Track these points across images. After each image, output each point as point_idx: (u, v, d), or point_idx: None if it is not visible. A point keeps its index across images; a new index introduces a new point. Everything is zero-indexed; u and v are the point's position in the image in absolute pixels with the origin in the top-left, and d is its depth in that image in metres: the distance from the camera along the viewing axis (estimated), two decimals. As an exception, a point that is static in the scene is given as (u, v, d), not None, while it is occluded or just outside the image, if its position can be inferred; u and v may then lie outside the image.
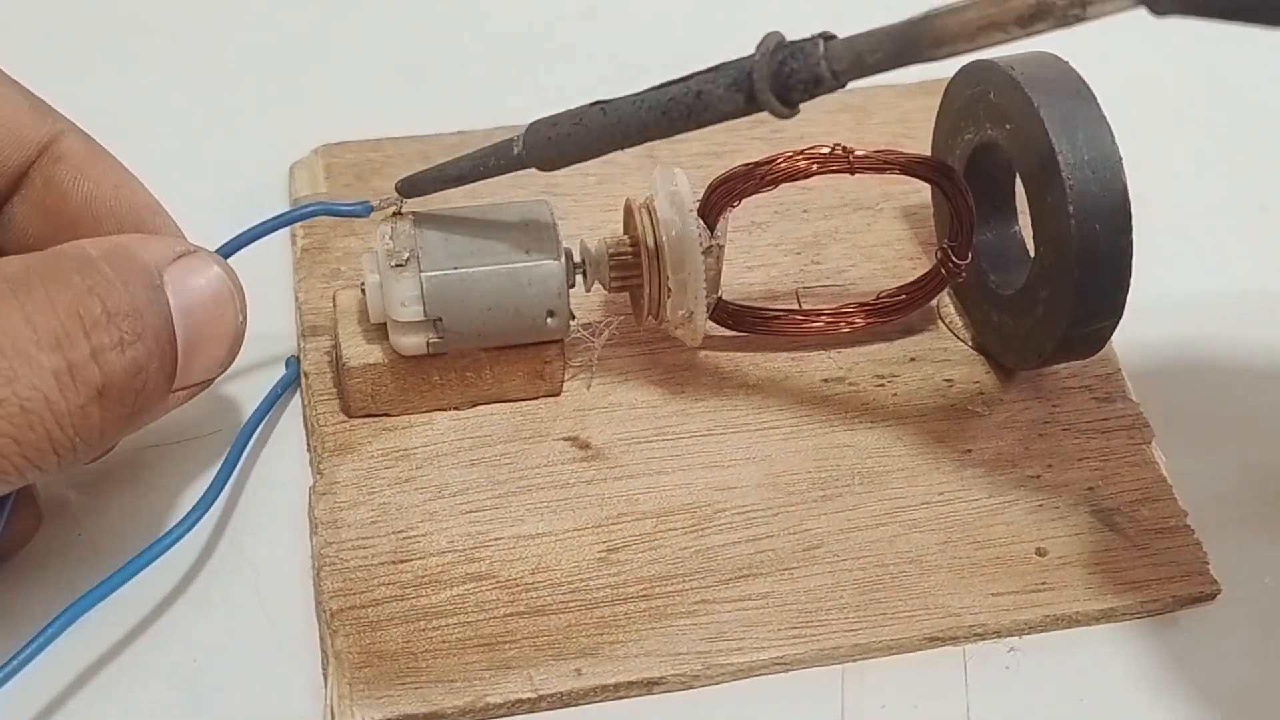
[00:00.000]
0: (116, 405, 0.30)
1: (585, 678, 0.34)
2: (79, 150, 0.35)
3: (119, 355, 0.30)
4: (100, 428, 0.30)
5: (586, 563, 0.36)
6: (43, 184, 0.34)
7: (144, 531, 0.36)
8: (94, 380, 0.29)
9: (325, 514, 0.36)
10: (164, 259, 0.32)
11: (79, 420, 0.29)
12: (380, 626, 0.34)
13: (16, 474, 0.29)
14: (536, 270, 0.36)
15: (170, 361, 0.31)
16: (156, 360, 0.31)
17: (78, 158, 0.35)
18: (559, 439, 0.38)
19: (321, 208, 0.37)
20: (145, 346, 0.30)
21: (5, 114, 0.34)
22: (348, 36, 0.48)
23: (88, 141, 0.35)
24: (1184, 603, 0.36)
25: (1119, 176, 0.35)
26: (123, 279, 0.30)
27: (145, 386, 0.30)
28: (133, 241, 0.32)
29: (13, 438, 0.28)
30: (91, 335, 0.29)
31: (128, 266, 0.31)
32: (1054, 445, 0.39)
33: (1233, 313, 0.43)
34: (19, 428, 0.28)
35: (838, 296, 0.41)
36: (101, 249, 0.31)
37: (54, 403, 0.29)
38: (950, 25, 0.27)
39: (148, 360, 0.30)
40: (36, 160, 0.34)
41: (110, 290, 0.30)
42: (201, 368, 0.33)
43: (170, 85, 0.47)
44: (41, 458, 0.29)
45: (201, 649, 0.35)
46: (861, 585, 0.36)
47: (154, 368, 0.31)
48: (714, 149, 0.44)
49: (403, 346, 0.36)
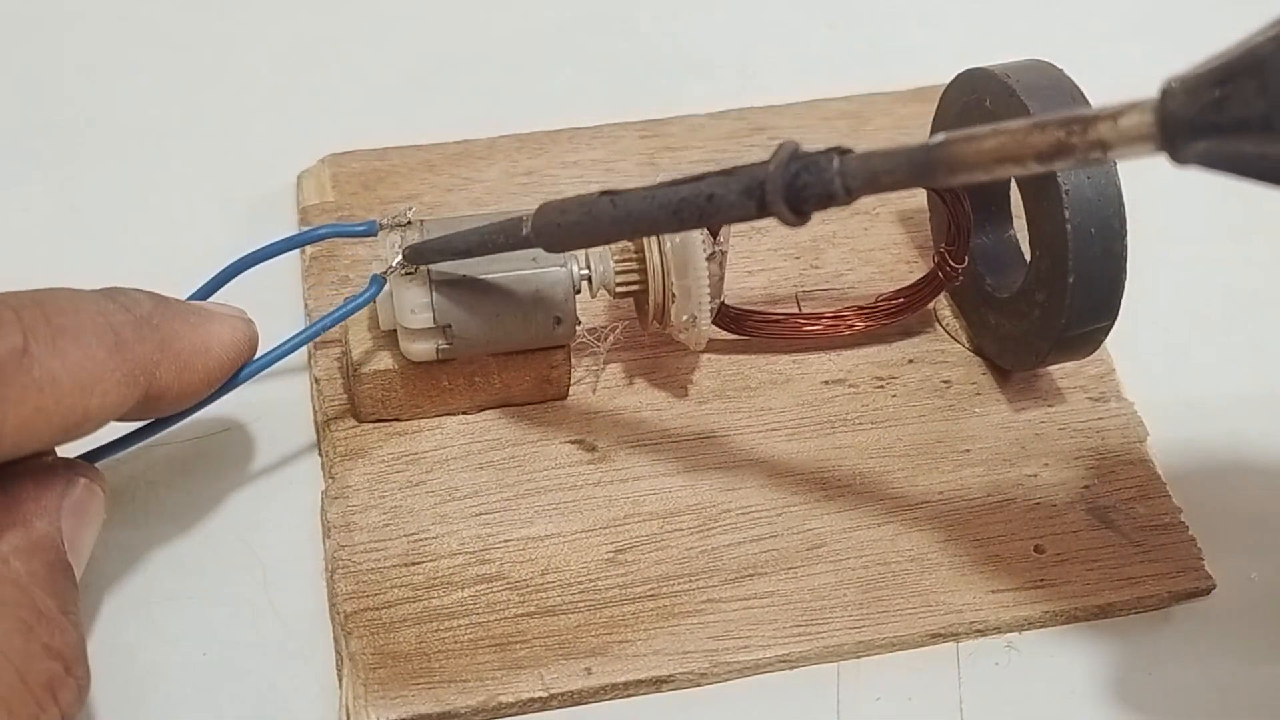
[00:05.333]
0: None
1: (595, 676, 0.34)
2: None
3: (78, 699, 0.30)
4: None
5: (595, 563, 0.36)
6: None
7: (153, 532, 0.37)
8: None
9: (338, 518, 0.36)
10: (54, 514, 0.32)
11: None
12: (393, 628, 0.35)
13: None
14: (544, 277, 0.36)
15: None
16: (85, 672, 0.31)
17: None
18: (566, 442, 0.38)
19: (330, 230, 0.38)
20: (85, 668, 0.31)
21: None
22: (353, 47, 0.49)
23: None
24: (1179, 598, 0.37)
25: (1113, 181, 0.35)
26: (60, 601, 0.30)
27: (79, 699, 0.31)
28: (27, 510, 0.31)
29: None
30: (60, 696, 0.29)
31: (50, 569, 0.31)
32: (1050, 445, 0.39)
33: (1223, 313, 0.44)
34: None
35: (837, 300, 0.42)
36: (20, 556, 0.30)
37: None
38: (968, 154, 0.27)
39: (86, 680, 0.31)
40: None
41: (57, 633, 0.30)
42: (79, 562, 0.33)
43: (178, 96, 0.47)
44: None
45: (212, 643, 0.35)
46: (864, 583, 0.36)
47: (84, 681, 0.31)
48: (714, 156, 0.45)
49: (412, 353, 0.37)
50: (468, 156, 0.44)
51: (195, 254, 0.42)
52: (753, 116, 0.46)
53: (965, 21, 0.51)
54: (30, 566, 0.30)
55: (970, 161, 0.27)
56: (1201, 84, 0.24)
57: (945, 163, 0.27)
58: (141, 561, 0.36)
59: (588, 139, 0.45)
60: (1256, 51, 0.23)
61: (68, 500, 0.32)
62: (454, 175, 0.44)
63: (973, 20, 0.51)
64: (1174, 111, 0.24)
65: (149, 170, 0.45)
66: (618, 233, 0.32)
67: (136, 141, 0.46)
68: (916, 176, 0.27)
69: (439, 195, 0.43)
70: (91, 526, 0.33)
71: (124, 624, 0.35)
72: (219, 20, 0.49)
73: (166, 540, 0.37)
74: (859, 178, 0.28)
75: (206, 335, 0.34)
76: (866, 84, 0.47)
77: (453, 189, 0.44)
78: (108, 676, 0.34)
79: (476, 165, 0.44)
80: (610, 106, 0.46)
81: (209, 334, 0.34)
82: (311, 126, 0.46)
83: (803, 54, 0.50)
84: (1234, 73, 0.24)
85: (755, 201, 0.29)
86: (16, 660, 0.29)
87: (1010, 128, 0.26)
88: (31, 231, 0.43)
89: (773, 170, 0.28)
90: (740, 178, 0.29)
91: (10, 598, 0.30)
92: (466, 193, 0.43)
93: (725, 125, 0.46)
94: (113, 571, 0.36)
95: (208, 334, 0.34)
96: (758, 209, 0.29)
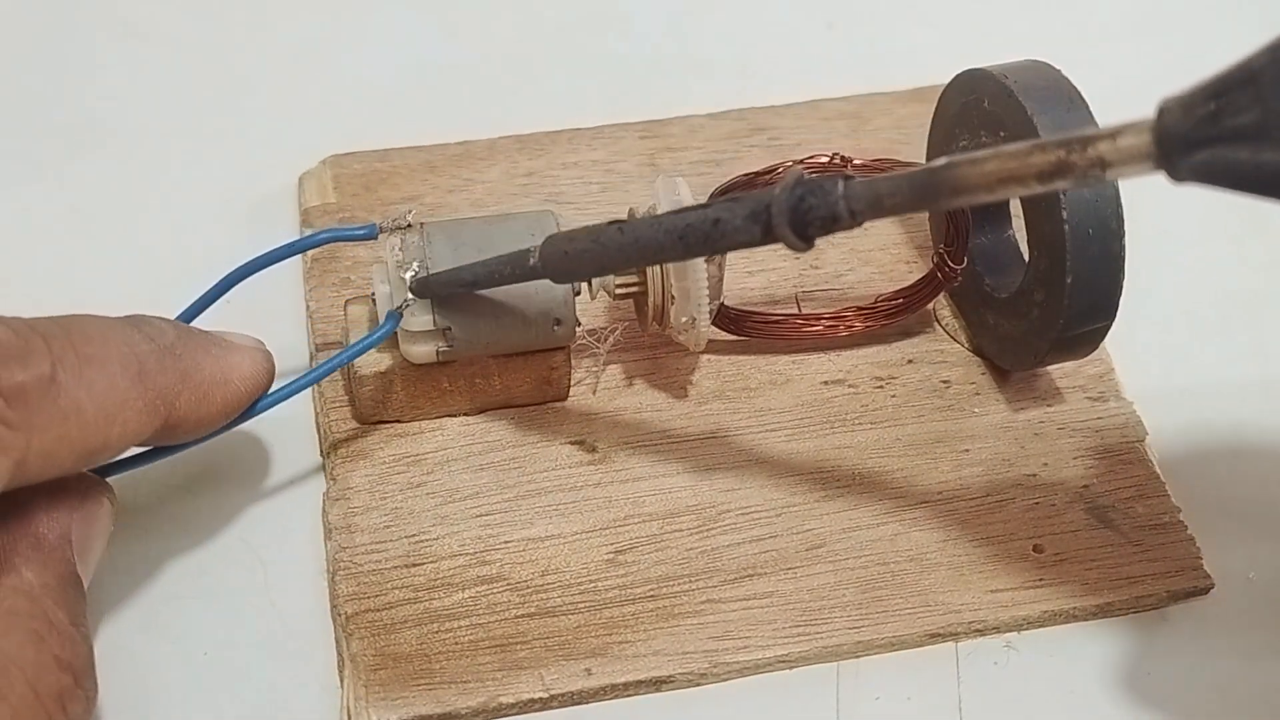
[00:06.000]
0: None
1: (595, 677, 0.34)
2: None
3: (86, 710, 0.31)
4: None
5: (595, 564, 0.36)
6: None
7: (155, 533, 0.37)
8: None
9: (339, 519, 0.37)
10: (66, 526, 0.32)
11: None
12: (394, 629, 0.35)
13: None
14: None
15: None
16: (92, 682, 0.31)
17: None
18: (566, 443, 0.38)
19: (331, 235, 0.38)
20: (93, 680, 0.31)
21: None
22: (354, 49, 0.49)
23: None
24: (1178, 597, 0.37)
25: (1111, 182, 0.35)
26: (70, 613, 0.31)
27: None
28: (39, 523, 0.32)
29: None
30: (69, 708, 0.30)
31: (61, 582, 0.31)
32: (1049, 444, 0.39)
33: (1221, 312, 0.44)
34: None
35: (836, 300, 0.42)
36: (32, 567, 0.31)
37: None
38: (971, 176, 0.27)
39: (94, 691, 0.31)
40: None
41: (67, 644, 0.30)
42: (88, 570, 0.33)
43: (179, 97, 0.47)
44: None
45: (213, 644, 0.35)
46: (863, 583, 0.36)
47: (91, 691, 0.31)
48: (714, 156, 0.45)
49: (413, 355, 0.37)
50: (468, 157, 0.45)
51: (197, 255, 0.42)
52: (753, 117, 0.46)
53: (964, 22, 0.52)
54: (42, 579, 0.31)
55: (974, 184, 0.27)
56: (1196, 99, 0.24)
57: (949, 185, 0.27)
58: (143, 562, 0.36)
59: (588, 140, 0.45)
60: (1250, 65, 0.24)
61: (79, 513, 0.32)
62: (455, 176, 0.44)
63: (972, 21, 0.52)
64: (1170, 127, 0.24)
65: (150, 171, 0.45)
66: (625, 260, 0.33)
67: (138, 142, 0.46)
68: (920, 199, 0.28)
69: (440, 196, 0.43)
70: (100, 539, 0.33)
71: (126, 624, 0.35)
72: (220, 22, 0.49)
73: (168, 541, 0.37)
74: (863, 200, 0.28)
75: (227, 367, 0.34)
76: (866, 84, 0.47)
77: (454, 190, 0.44)
78: (110, 677, 0.34)
79: (477, 166, 0.44)
80: (610, 107, 0.47)
81: (229, 366, 0.34)
82: (313, 128, 0.46)
83: (802, 55, 0.50)
84: (1228, 86, 0.24)
85: (760, 226, 0.29)
86: (28, 671, 0.29)
87: (1011, 150, 0.26)
88: (33, 232, 0.43)
89: (778, 194, 0.29)
90: (745, 203, 0.30)
91: (23, 609, 0.30)
92: (468, 193, 0.44)
93: (725, 126, 0.46)
94: (115, 572, 0.36)
95: (228, 366, 0.34)
96: (763, 234, 0.29)
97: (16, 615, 0.30)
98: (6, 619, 0.30)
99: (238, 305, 0.37)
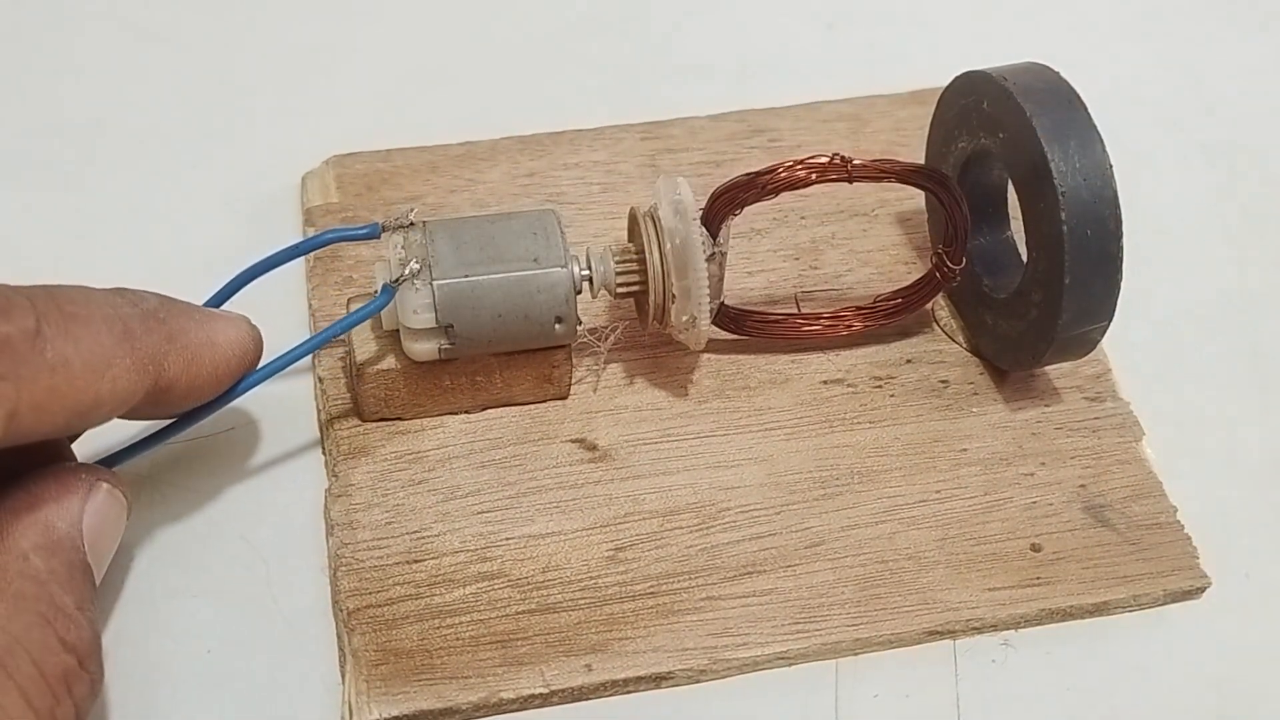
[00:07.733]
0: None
1: (595, 673, 0.35)
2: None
3: (91, 692, 0.31)
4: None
5: (595, 561, 0.36)
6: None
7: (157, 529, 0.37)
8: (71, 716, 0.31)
9: (341, 516, 0.37)
10: (76, 516, 0.32)
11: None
12: (396, 625, 0.35)
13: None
14: (545, 278, 0.37)
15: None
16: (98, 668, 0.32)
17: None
18: (567, 441, 0.39)
19: (334, 235, 0.38)
20: (99, 664, 0.31)
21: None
22: (357, 50, 0.49)
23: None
24: (1175, 596, 0.37)
25: (1109, 183, 0.36)
26: (77, 598, 0.31)
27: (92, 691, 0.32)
28: (49, 511, 0.32)
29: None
30: (74, 689, 0.30)
31: (69, 568, 0.32)
32: (1047, 444, 0.40)
33: (1218, 313, 0.44)
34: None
35: (836, 300, 0.42)
36: (40, 554, 0.31)
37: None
38: None
39: (99, 675, 0.32)
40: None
41: (73, 628, 0.31)
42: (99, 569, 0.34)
43: (183, 97, 0.47)
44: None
45: (215, 640, 0.35)
46: (862, 581, 0.37)
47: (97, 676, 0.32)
48: (714, 158, 0.45)
49: (415, 353, 0.37)
50: (470, 158, 0.45)
51: (200, 254, 0.42)
52: (752, 119, 0.46)
53: (963, 24, 0.52)
54: (50, 564, 0.31)
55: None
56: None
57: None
58: (146, 558, 0.37)
59: (589, 140, 0.45)
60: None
61: (90, 504, 0.33)
62: (457, 176, 0.44)
63: (971, 23, 0.52)
64: None
65: (154, 171, 0.45)
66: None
67: (141, 143, 0.46)
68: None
69: (442, 196, 0.44)
70: (113, 531, 0.33)
71: (128, 620, 0.36)
72: (224, 23, 0.50)
73: (171, 537, 0.37)
74: None
75: (212, 331, 0.34)
76: (865, 86, 0.48)
77: (456, 190, 0.44)
78: (113, 672, 0.34)
79: (479, 166, 0.45)
80: (611, 108, 0.47)
81: (214, 330, 0.34)
82: (316, 128, 0.46)
83: (802, 57, 0.50)
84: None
85: None
86: (34, 652, 0.30)
87: None
88: (36, 232, 0.43)
89: None
90: None
91: (30, 593, 0.30)
92: (469, 194, 0.44)
93: (725, 127, 0.46)
94: (117, 568, 0.36)
95: (213, 330, 0.34)
96: None
97: (24, 599, 0.30)
98: (14, 602, 0.30)
99: (240, 304, 0.37)
